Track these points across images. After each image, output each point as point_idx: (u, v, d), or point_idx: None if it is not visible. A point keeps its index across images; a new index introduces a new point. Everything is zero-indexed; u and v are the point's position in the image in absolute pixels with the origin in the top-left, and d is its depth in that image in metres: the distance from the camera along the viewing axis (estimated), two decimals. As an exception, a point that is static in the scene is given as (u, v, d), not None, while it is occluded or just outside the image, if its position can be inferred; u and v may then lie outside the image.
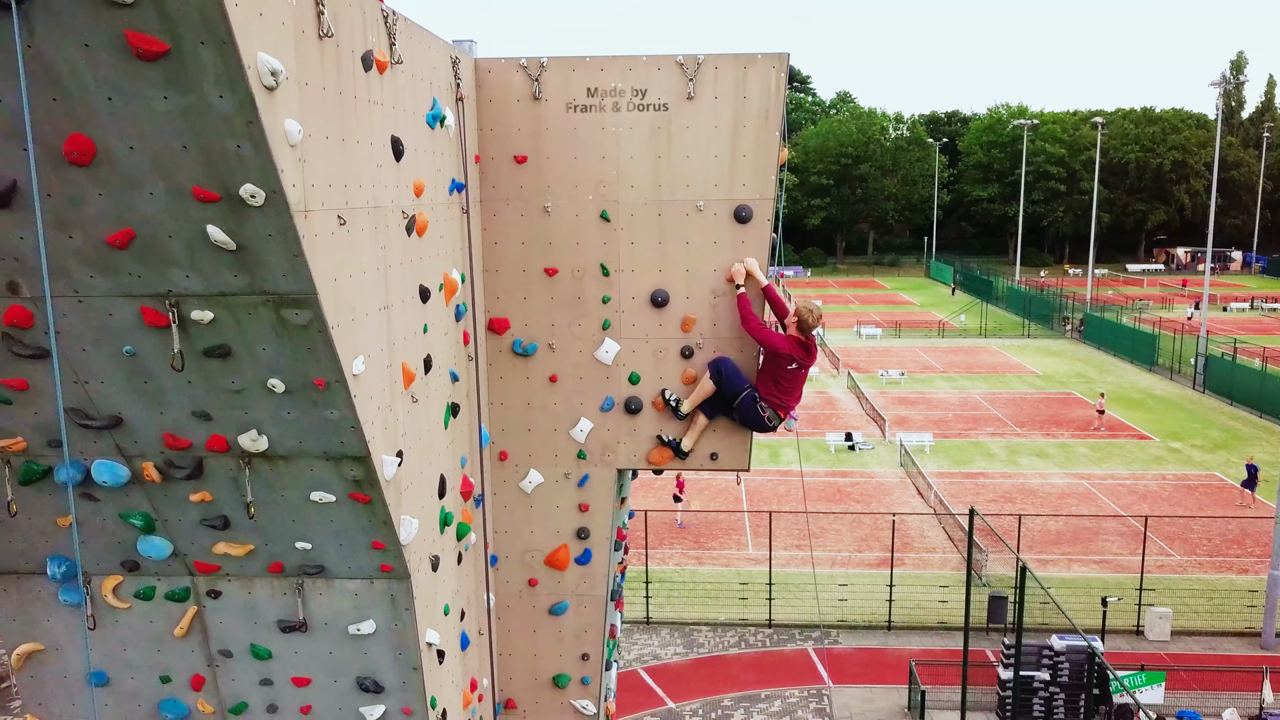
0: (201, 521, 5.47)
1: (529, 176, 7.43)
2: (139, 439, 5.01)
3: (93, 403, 4.87)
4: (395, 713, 6.10)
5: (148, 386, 4.79)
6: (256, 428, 4.93)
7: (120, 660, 6.06)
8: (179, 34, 3.56)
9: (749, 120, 7.26)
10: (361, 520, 5.41)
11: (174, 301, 4.41)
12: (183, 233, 4.15)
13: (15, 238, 4.20)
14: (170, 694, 6.13)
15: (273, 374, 4.68)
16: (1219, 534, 33.17)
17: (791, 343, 7.49)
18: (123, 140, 3.86)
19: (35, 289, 4.41)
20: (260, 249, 4.20)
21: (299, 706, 6.12)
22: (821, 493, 37.54)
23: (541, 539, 7.97)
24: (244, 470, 5.15)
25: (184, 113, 3.77)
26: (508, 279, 7.60)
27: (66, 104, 3.75)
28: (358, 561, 5.63)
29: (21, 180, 4.00)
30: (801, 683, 24.17)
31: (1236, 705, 22.37)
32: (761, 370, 7.59)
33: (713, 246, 7.43)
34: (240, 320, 4.47)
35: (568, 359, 7.74)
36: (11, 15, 3.42)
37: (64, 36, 3.56)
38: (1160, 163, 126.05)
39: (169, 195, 4.02)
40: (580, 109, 7.34)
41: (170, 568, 5.72)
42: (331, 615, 5.84)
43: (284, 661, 5.99)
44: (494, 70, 7.29)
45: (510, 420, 7.82)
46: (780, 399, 7.47)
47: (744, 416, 7.51)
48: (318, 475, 5.18)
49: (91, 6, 3.48)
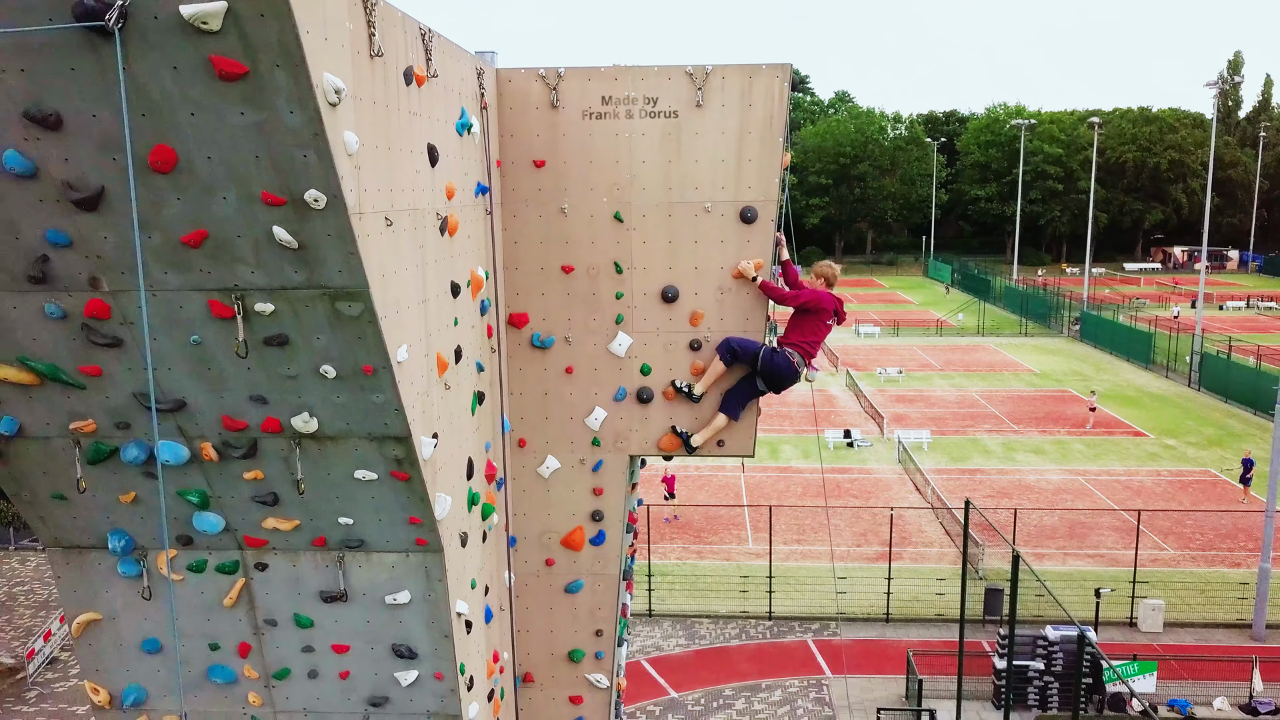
0: (253, 498, 5.94)
1: (547, 180, 7.90)
2: (199, 421, 5.49)
3: (160, 387, 5.35)
4: (427, 678, 6.57)
5: (210, 373, 5.26)
6: (308, 410, 5.41)
7: (172, 629, 6.52)
8: (258, 58, 4.03)
9: (754, 126, 7.74)
10: (400, 497, 5.89)
11: (239, 295, 4.89)
12: (250, 233, 4.62)
13: (99, 238, 4.68)
14: (219, 660, 6.61)
15: (326, 361, 5.16)
16: (1212, 529, 33.67)
17: (831, 297, 8.10)
18: (201, 151, 4.34)
19: (113, 284, 4.89)
20: (320, 247, 4.68)
21: (338, 672, 6.59)
22: (821, 489, 38.02)
23: (558, 521, 8.45)
24: (295, 450, 5.63)
25: (258, 127, 4.25)
26: (527, 276, 8.07)
27: (154, 119, 4.22)
28: (395, 536, 6.11)
29: (108, 187, 4.47)
30: (801, 673, 24.66)
31: (1227, 694, 22.88)
32: (790, 328, 8.10)
33: (720, 245, 7.91)
34: (298, 312, 4.95)
35: (583, 351, 8.21)
36: (114, 41, 3.89)
37: (156, 60, 4.04)
38: (1157, 162, 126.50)
39: (240, 200, 4.50)
40: (595, 116, 7.81)
41: (221, 542, 6.20)
42: (370, 586, 6.32)
43: (325, 630, 6.47)
44: (514, 80, 7.76)
45: (529, 409, 8.30)
46: (807, 347, 7.99)
47: (772, 372, 7.92)
48: (362, 455, 5.66)
49: (182, 34, 3.96)
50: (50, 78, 4.12)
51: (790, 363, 7.94)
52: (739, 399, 8.19)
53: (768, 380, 8.02)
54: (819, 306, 8.04)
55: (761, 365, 7.91)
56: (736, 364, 8.03)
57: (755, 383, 8.07)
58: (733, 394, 8.16)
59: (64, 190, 4.49)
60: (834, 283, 8.32)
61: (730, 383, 8.18)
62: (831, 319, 8.17)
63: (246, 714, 6.73)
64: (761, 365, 7.91)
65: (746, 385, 8.11)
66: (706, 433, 8.26)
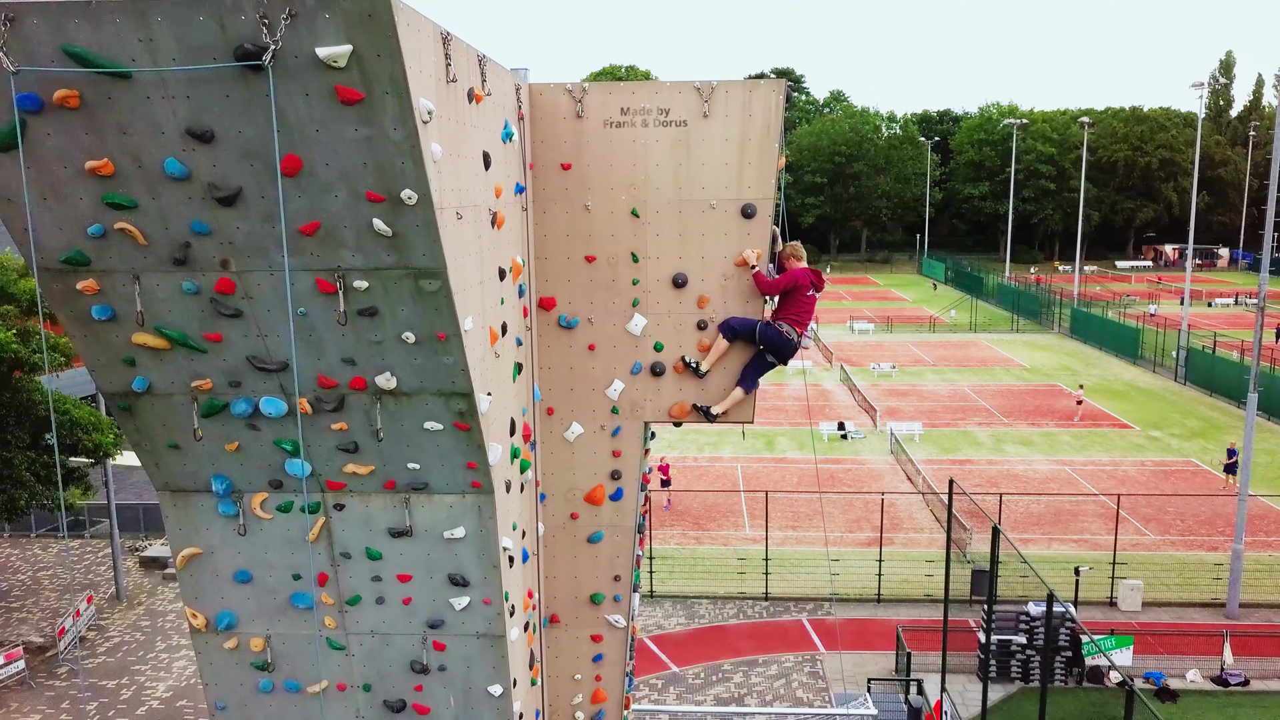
0: (337, 447, 7.12)
1: (572, 180, 9.07)
2: (299, 379, 6.66)
3: (268, 351, 6.52)
4: (477, 603, 7.75)
5: (311, 339, 6.44)
6: (390, 370, 6.58)
7: (261, 562, 7.70)
8: (372, 87, 5.21)
9: (753, 134, 8.91)
10: (461, 445, 7.07)
11: (341, 274, 6.07)
12: (355, 224, 5.80)
13: (233, 228, 5.85)
14: (300, 589, 7.78)
15: (407, 329, 6.34)
16: (1192, 515, 34.97)
17: (807, 271, 9.26)
18: (322, 159, 5.51)
19: (240, 265, 6.07)
20: (409, 236, 5.85)
21: (402, 598, 7.76)
22: (815, 478, 39.24)
23: (581, 480, 9.63)
24: (376, 405, 6.81)
25: (368, 140, 5.43)
26: (555, 265, 9.25)
27: (287, 134, 5.39)
28: (454, 479, 7.28)
29: (244, 187, 5.65)
30: (796, 649, 25.89)
31: (1199, 667, 24.13)
32: (780, 306, 9.28)
33: (724, 238, 9.09)
34: (388, 288, 6.12)
35: (603, 331, 9.39)
36: (265, 75, 5.07)
37: (293, 89, 5.22)
38: (1148, 161, 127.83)
39: (349, 197, 5.68)
40: (615, 125, 8.98)
41: (307, 486, 7.37)
42: (431, 523, 7.49)
43: (391, 561, 7.64)
44: (545, 93, 8.93)
45: (556, 381, 9.48)
46: (799, 318, 9.18)
47: (770, 343, 9.12)
48: (431, 408, 6.83)
49: (315, 69, 5.14)
50: (208, 102, 5.30)
51: (781, 333, 9.12)
52: (753, 373, 9.39)
53: (771, 352, 9.21)
54: (798, 284, 9.21)
55: (759, 338, 9.11)
56: (738, 340, 9.22)
57: (765, 358, 9.27)
58: (749, 369, 9.37)
59: (209, 190, 5.66)
60: (803, 257, 9.48)
61: (738, 360, 9.37)
62: (811, 290, 9.34)
63: (322, 636, 7.90)
64: (759, 338, 9.11)
65: (759, 360, 9.31)
66: (725, 404, 9.44)
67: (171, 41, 5.06)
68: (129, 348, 6.51)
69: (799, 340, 9.24)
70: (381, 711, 8.16)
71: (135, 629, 27.59)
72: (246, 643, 7.98)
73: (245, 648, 8.00)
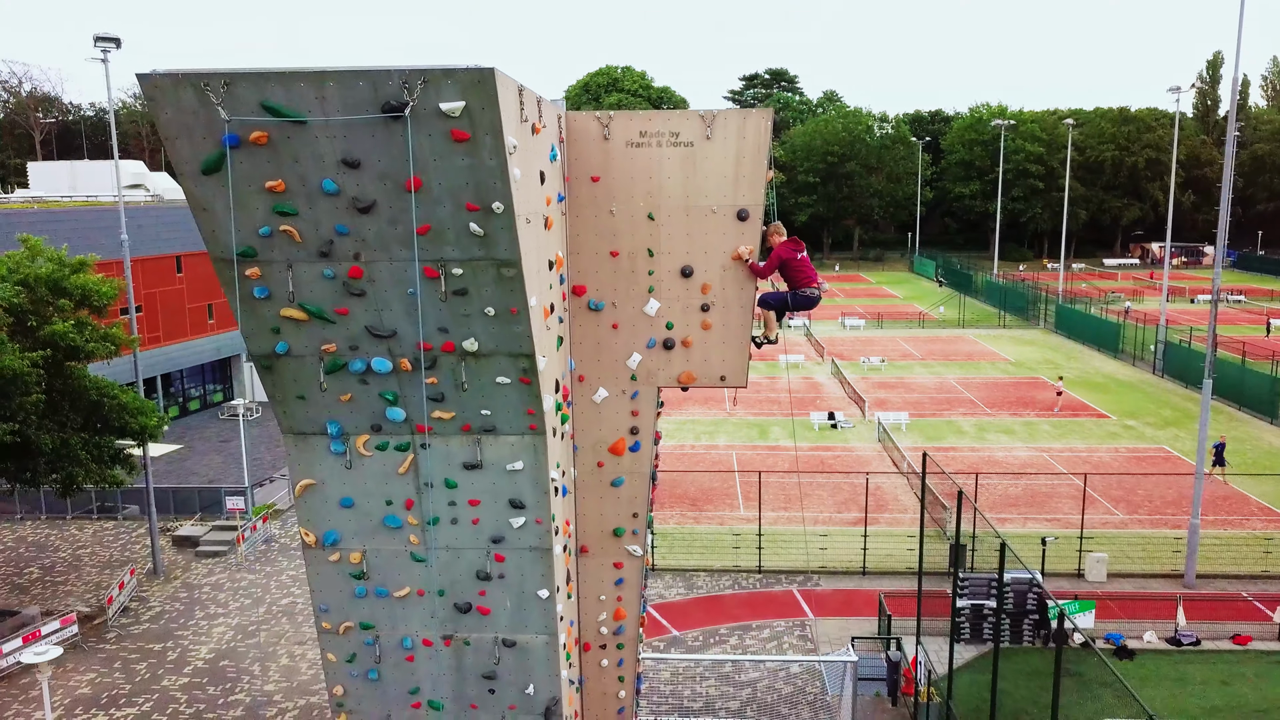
0: (428, 397, 9.27)
1: (600, 190, 11.21)
2: (403, 345, 8.81)
3: (382, 323, 8.67)
4: (530, 523, 9.90)
5: (415, 313, 8.59)
6: (474, 336, 8.74)
7: (361, 490, 9.84)
8: (477, 130, 7.37)
9: (746, 153, 11.07)
10: (523, 395, 9.22)
11: (442, 263, 8.22)
12: (456, 227, 7.95)
13: (367, 229, 8.00)
14: (391, 512, 9.92)
15: (489, 305, 8.49)
16: (1160, 496, 37.23)
17: (785, 245, 11.47)
18: (436, 180, 7.66)
19: (368, 257, 8.22)
20: (495, 235, 8.01)
21: (471, 519, 9.91)
22: (806, 464, 41.45)
23: (607, 434, 11.78)
24: (460, 364, 8.96)
25: (470, 166, 7.58)
26: (585, 258, 11.39)
27: (414, 162, 7.54)
28: (516, 423, 9.44)
29: (378, 200, 7.80)
30: (787, 616, 28.08)
31: (1156, 629, 26.37)
32: (787, 278, 11.51)
33: (722, 236, 11.24)
34: (477, 274, 8.28)
35: (625, 313, 11.53)
36: (404, 122, 7.23)
37: (421, 130, 7.37)
38: (1135, 160, 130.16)
39: (454, 207, 7.83)
40: (635, 145, 11.12)
41: (401, 429, 9.52)
42: (496, 458, 9.64)
43: (464, 489, 9.79)
44: (578, 120, 11.07)
45: (586, 354, 11.62)
46: (808, 278, 11.45)
47: (802, 305, 11.53)
48: (502, 366, 8.99)
49: (438, 117, 7.29)
50: (358, 140, 7.45)
51: (807, 295, 11.48)
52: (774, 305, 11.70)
53: (803, 308, 11.57)
54: (783, 259, 11.44)
55: (793, 305, 11.46)
56: (772, 309, 11.56)
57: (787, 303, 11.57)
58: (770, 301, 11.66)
59: (352, 202, 7.81)
60: (783, 235, 11.67)
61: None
62: (802, 252, 11.59)
63: (408, 550, 10.05)
64: (793, 305, 11.46)
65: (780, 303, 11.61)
66: (768, 326, 11.76)
67: (337, 99, 7.22)
68: (277, 320, 8.67)
69: (818, 292, 11.53)
70: (452, 612, 10.33)
71: (174, 600, 29.72)
72: (347, 556, 10.13)
73: (345, 560, 10.16)
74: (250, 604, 29.31)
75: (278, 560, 32.77)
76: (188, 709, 23.30)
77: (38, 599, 29.46)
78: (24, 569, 32.17)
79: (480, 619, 10.30)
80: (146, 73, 7.19)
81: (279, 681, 24.59)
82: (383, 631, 10.46)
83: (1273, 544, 32.13)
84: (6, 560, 32.85)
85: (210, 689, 24.23)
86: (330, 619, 10.43)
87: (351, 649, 10.53)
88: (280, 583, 30.84)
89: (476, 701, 10.63)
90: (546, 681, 10.54)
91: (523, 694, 10.57)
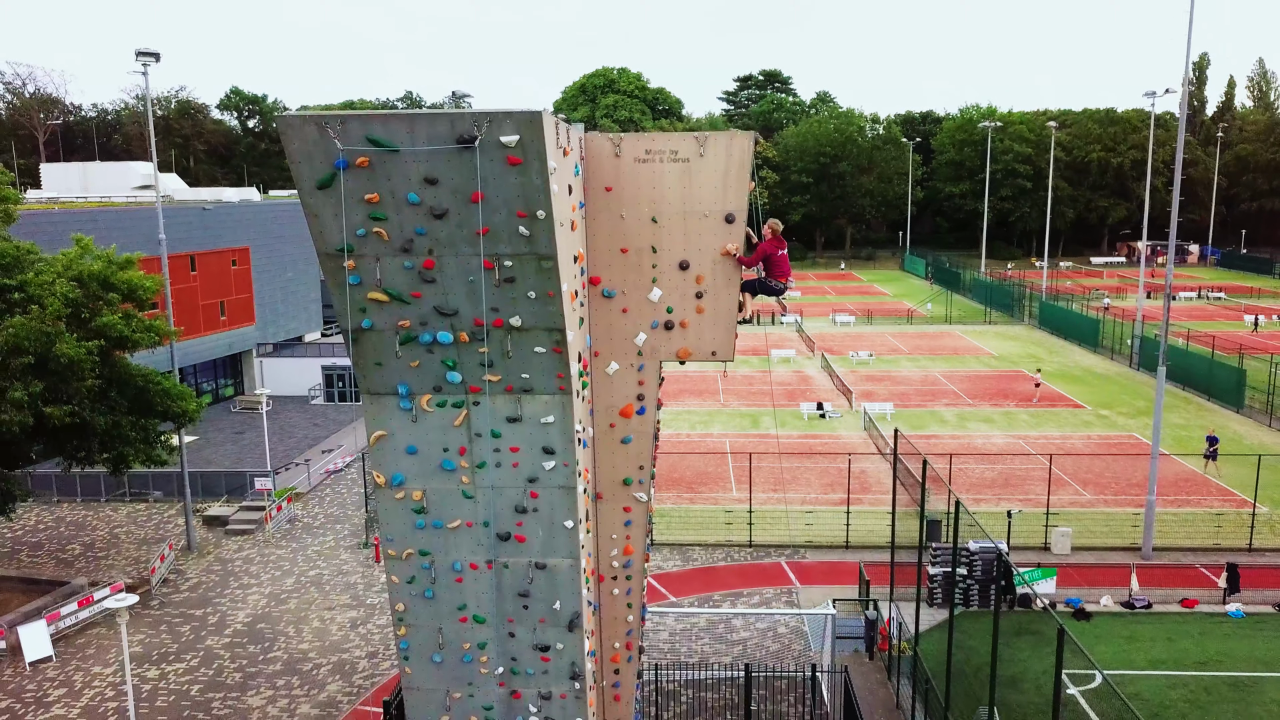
0: (479, 363, 11.70)
1: (612, 198, 13.62)
2: (462, 321, 11.24)
3: (447, 304, 11.11)
4: (559, 466, 12.33)
5: (474, 295, 11.01)
6: (518, 315, 11.17)
7: (424, 440, 12.27)
8: (527, 155, 9.81)
9: (733, 167, 13.49)
10: (554, 362, 11.65)
11: (496, 257, 10.66)
12: (508, 228, 10.39)
13: (439, 231, 10.45)
14: (447, 458, 12.34)
15: (530, 289, 10.93)
16: (1125, 479, 39.79)
17: (771, 242, 13.96)
18: (494, 192, 10.10)
19: (439, 252, 10.65)
20: (538, 236, 10.45)
21: (512, 463, 12.34)
22: (795, 451, 43.95)
23: (617, 400, 14.21)
24: (506, 337, 11.40)
25: (521, 184, 10.02)
26: (600, 254, 13.81)
27: (480, 180, 9.98)
28: (549, 384, 11.87)
29: (449, 207, 10.23)
30: (775, 584, 30.57)
31: (1112, 595, 28.89)
32: (766, 269, 13.97)
33: (713, 236, 13.66)
34: (523, 264, 10.71)
35: (632, 299, 13.95)
36: (473, 149, 9.67)
37: (485, 155, 9.81)
38: (1121, 161, 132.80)
39: (507, 213, 10.27)
40: (641, 161, 13.54)
41: (457, 389, 11.94)
42: (532, 413, 12.07)
43: (507, 438, 12.22)
44: (594, 140, 13.49)
45: (600, 333, 14.05)
46: (782, 273, 13.92)
47: (766, 291, 14.01)
48: (538, 338, 11.42)
49: (499, 146, 9.74)
50: (437, 163, 9.89)
51: (773, 287, 14.00)
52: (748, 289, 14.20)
53: (767, 294, 14.04)
54: (770, 251, 13.91)
55: (762, 290, 13.94)
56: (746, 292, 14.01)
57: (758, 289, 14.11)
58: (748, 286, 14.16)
59: (429, 211, 10.25)
60: (778, 230, 14.13)
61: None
62: (783, 250, 14.05)
63: (460, 489, 12.47)
64: (762, 290, 13.94)
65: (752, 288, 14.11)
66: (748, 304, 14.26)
67: (423, 133, 9.67)
68: (365, 301, 11.11)
69: (784, 286, 14.01)
70: (494, 540, 12.76)
71: (209, 572, 32.14)
72: (410, 494, 12.56)
73: (409, 498, 12.59)
74: (280, 575, 31.75)
75: (302, 537, 35.20)
76: (231, 664, 25.74)
77: (82, 572, 31.88)
78: (66, 546, 34.59)
79: (517, 546, 12.74)
80: (282, 114, 9.62)
81: (312, 641, 27.03)
82: (437, 557, 12.89)
83: (1224, 519, 34.73)
84: (50, 538, 35.27)
85: (250, 647, 26.67)
86: (395, 547, 12.86)
87: (411, 572, 12.97)
88: (306, 557, 33.29)
89: (513, 616, 13.08)
90: (570, 599, 12.99)
91: (551, 609, 13.01)
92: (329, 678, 25.00)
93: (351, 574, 31.71)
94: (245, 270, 58.94)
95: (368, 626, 27.89)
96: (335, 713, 23.34)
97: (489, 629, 13.20)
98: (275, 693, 24.25)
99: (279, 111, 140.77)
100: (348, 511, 37.89)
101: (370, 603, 29.47)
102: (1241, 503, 36.47)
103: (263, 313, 60.67)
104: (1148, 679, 24.58)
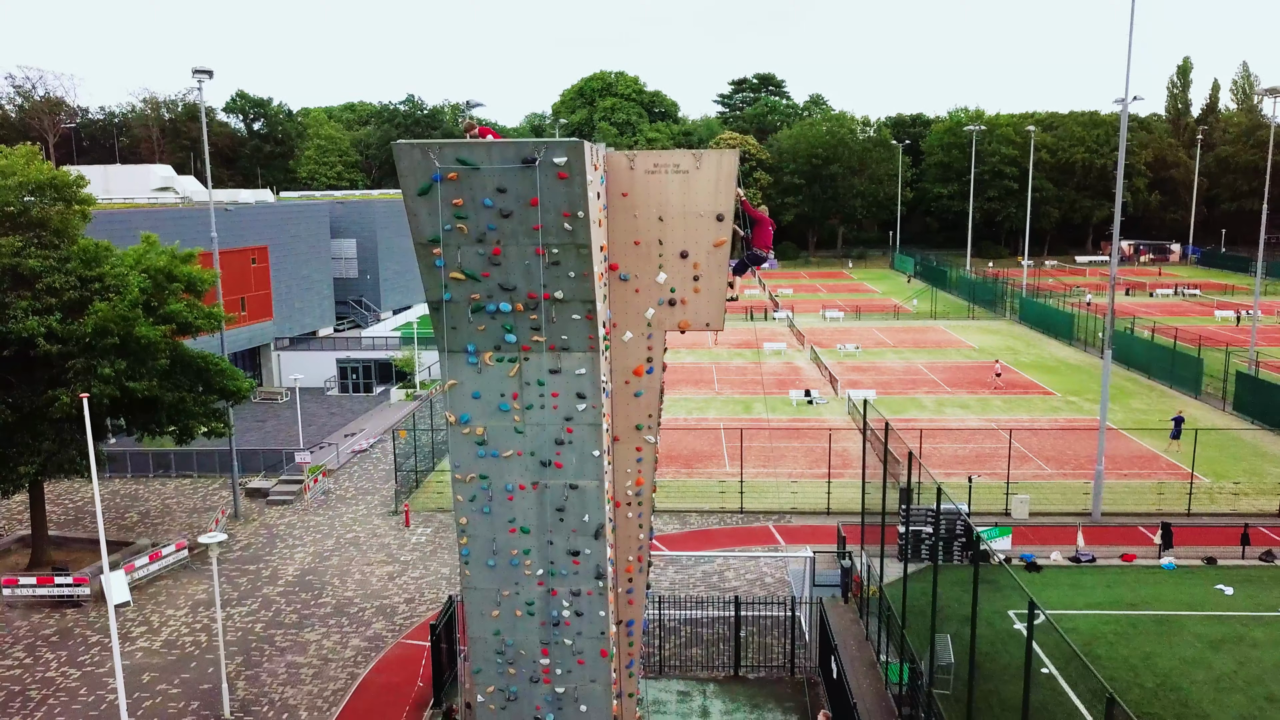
0: (530, 327, 15.42)
1: (628, 201, 17.33)
2: (519, 295, 14.97)
3: (509, 281, 14.84)
4: (589, 408, 16.05)
5: (529, 274, 14.74)
6: (561, 290, 14.91)
7: (486, 387, 15.99)
8: (571, 171, 13.56)
9: (722, 177, 17.20)
10: (587, 326, 15.39)
11: (546, 246, 14.40)
12: (556, 225, 14.14)
13: (505, 226, 14.19)
14: (503, 401, 16.07)
15: (571, 270, 14.67)
16: (1084, 455, 43.59)
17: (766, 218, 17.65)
18: (548, 200, 13.85)
19: (504, 242, 14.39)
20: (578, 230, 14.19)
21: (553, 405, 16.05)
22: (784, 433, 47.71)
23: (631, 362, 17.93)
24: (551, 307, 15.13)
25: (567, 192, 13.77)
26: (617, 246, 17.50)
27: (537, 190, 13.72)
28: (582, 344, 15.60)
29: (514, 211, 13.99)
30: (763, 544, 34.32)
31: (1061, 551, 32.68)
32: (753, 238, 17.69)
33: (707, 231, 17.37)
34: (565, 251, 14.45)
35: (642, 281, 17.67)
36: (534, 167, 13.42)
37: (541, 172, 13.55)
38: (1105, 163, 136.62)
39: (555, 214, 14.02)
40: (650, 172, 17.24)
41: (512, 348, 15.67)
42: (569, 366, 15.80)
43: (549, 386, 15.93)
44: (612, 156, 17.20)
45: (617, 309, 17.75)
46: (765, 244, 17.65)
47: (752, 260, 17.69)
48: (575, 308, 15.16)
49: (553, 165, 13.50)
50: (506, 177, 13.63)
51: (757, 255, 17.69)
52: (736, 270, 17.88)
53: (752, 262, 17.73)
54: (765, 221, 17.67)
55: (749, 259, 17.65)
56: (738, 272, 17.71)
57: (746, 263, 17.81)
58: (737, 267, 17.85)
59: (499, 211, 13.99)
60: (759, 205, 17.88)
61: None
62: (772, 226, 17.78)
63: (512, 426, 16.19)
64: (749, 259, 17.65)
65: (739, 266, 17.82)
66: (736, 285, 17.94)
67: (497, 155, 13.42)
68: (447, 280, 14.85)
69: (764, 255, 17.73)
70: (538, 466, 16.48)
71: (257, 535, 35.86)
72: (474, 430, 16.29)
73: (473, 433, 16.31)
74: (321, 537, 35.49)
75: (337, 506, 38.93)
76: (287, 607, 29.48)
77: (144, 534, 35.57)
78: (125, 514, 38.30)
79: (556, 471, 16.47)
80: (398, 142, 13.35)
81: (356, 590, 30.77)
82: (493, 480, 16.60)
83: (1166, 488, 38.58)
84: (109, 508, 38.97)
85: (303, 594, 30.41)
86: (460, 472, 16.58)
87: (473, 492, 16.68)
88: (343, 522, 37.03)
89: (551, 527, 16.80)
90: (596, 513, 16.71)
91: (581, 521, 16.73)
92: (374, 619, 28.73)
93: (385, 536, 35.45)
94: (264, 268, 62.57)
95: (404, 579, 31.63)
96: (382, 644, 27.07)
97: (532, 538, 16.92)
98: (328, 630, 27.98)
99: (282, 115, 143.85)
100: (376, 485, 41.63)
101: (404, 559, 33.21)
102: (1186, 475, 40.32)
103: (280, 308, 64.22)
104: (1085, 617, 28.40)
